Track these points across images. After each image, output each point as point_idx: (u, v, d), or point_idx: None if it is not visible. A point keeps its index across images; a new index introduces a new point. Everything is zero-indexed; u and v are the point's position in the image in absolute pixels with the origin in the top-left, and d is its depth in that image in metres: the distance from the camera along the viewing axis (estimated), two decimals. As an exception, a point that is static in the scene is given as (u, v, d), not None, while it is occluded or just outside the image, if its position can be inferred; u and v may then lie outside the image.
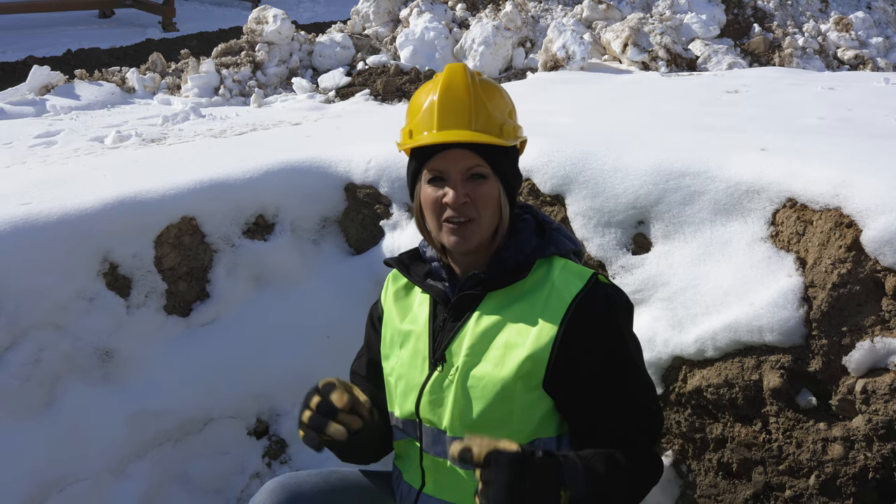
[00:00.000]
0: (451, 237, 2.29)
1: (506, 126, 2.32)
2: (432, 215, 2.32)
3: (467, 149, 2.26)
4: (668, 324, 3.21)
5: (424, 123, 2.30)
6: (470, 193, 2.26)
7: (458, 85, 2.29)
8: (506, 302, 2.31)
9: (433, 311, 2.44)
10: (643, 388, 2.31)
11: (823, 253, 2.87)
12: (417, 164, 2.33)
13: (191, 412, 3.68)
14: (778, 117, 4.39)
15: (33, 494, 3.22)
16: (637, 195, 3.38)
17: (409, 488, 2.49)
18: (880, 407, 2.72)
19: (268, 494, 2.49)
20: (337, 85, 7.79)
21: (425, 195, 2.32)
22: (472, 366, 2.28)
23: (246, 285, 3.99)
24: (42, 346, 3.38)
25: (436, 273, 2.46)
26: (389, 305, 2.56)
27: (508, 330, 2.27)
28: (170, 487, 3.59)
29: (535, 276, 2.32)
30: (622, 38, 7.49)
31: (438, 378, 2.33)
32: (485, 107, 2.28)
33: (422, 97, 2.35)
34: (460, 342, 2.31)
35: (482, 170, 2.28)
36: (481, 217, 2.29)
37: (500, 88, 2.42)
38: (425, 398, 2.35)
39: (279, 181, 4.13)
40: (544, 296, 2.27)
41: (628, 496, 2.22)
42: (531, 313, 2.26)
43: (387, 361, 2.52)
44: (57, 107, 7.26)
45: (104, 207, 3.65)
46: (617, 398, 2.24)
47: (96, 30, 17.43)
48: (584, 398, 2.23)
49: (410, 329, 2.46)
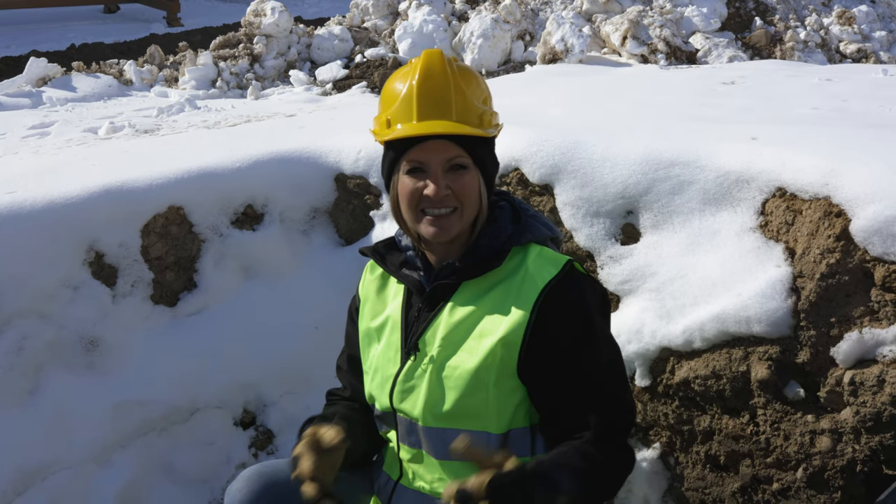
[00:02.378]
0: (430, 228, 2.26)
1: (485, 115, 2.29)
2: (410, 206, 2.28)
3: (447, 139, 2.22)
4: (656, 315, 3.18)
5: (403, 113, 2.25)
6: (451, 184, 2.23)
7: (436, 73, 2.24)
8: (480, 291, 2.28)
9: (407, 301, 2.41)
10: (614, 378, 2.28)
11: (812, 243, 2.84)
12: (395, 155, 2.29)
13: (177, 402, 3.67)
14: (772, 108, 4.35)
15: (16, 482, 3.22)
16: (626, 185, 3.35)
17: (387, 479, 2.48)
18: (868, 399, 2.69)
19: (245, 482, 2.47)
20: (334, 77, 7.77)
21: (403, 186, 2.28)
22: (446, 356, 2.26)
23: (234, 276, 3.98)
24: (26, 335, 3.38)
25: (411, 262, 2.43)
26: (366, 296, 2.54)
27: (483, 319, 2.24)
28: (155, 477, 3.59)
29: (510, 265, 2.29)
30: (621, 30, 7.44)
31: (411, 367, 2.31)
32: (464, 95, 2.25)
33: (398, 84, 2.30)
34: (434, 332, 2.29)
35: (463, 160, 2.24)
36: (463, 208, 2.26)
37: (476, 74, 2.37)
38: (398, 388, 2.33)
39: (269, 171, 4.12)
40: (518, 282, 2.24)
41: (604, 488, 2.21)
42: (505, 301, 2.23)
43: (365, 356, 2.51)
44: (53, 98, 7.25)
45: (90, 196, 3.65)
46: (586, 387, 2.21)
47: (100, 25, 17.45)
48: (555, 386, 2.20)
49: (385, 321, 2.44)
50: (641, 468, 3.34)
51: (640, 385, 3.25)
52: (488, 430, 2.23)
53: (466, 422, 2.23)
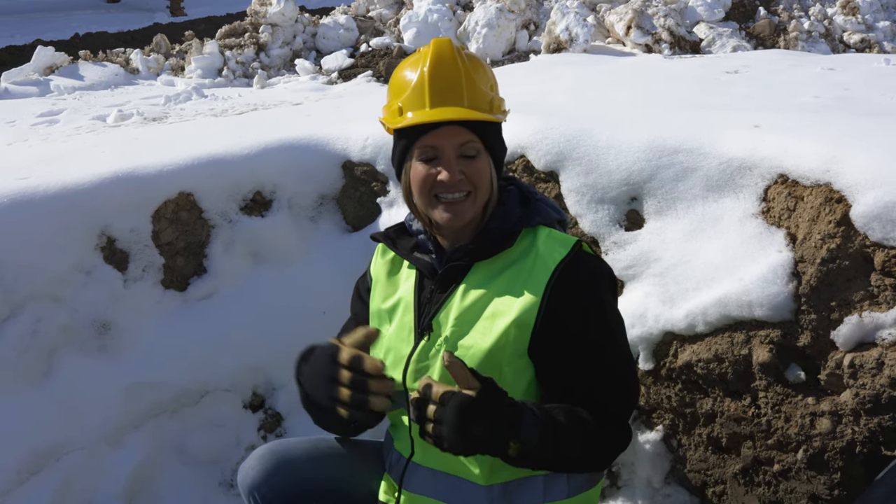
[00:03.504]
0: (444, 214, 2.30)
1: (494, 100, 2.34)
2: (424, 192, 2.32)
3: (460, 125, 2.27)
4: (659, 299, 3.23)
5: (415, 101, 2.29)
6: (464, 169, 2.28)
7: (447, 60, 2.29)
8: (492, 273, 2.33)
9: (419, 283, 2.46)
10: (622, 361, 2.33)
11: (813, 228, 2.88)
12: (408, 142, 2.32)
13: (187, 385, 3.73)
14: (774, 96, 4.39)
15: (30, 462, 3.27)
16: (630, 172, 3.39)
17: (398, 456, 2.52)
18: (867, 381, 2.73)
19: (257, 460, 2.53)
20: (340, 66, 7.81)
21: (416, 172, 2.31)
22: (459, 336, 2.30)
23: (243, 261, 4.03)
24: (40, 318, 3.43)
25: (423, 246, 2.48)
26: (377, 277, 2.58)
27: (495, 300, 2.28)
28: (166, 458, 3.64)
29: (521, 246, 2.34)
30: (625, 20, 7.47)
31: (425, 347, 2.35)
32: (474, 82, 2.29)
33: (408, 73, 2.33)
34: (447, 313, 2.33)
35: (475, 146, 2.29)
36: (476, 192, 2.30)
37: (483, 62, 2.42)
38: (411, 367, 2.37)
39: (277, 158, 4.17)
40: (529, 264, 2.29)
41: (587, 454, 2.24)
42: (517, 282, 2.28)
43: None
44: (61, 87, 7.30)
45: (102, 182, 3.69)
46: (595, 367, 2.26)
47: (104, 14, 17.49)
48: (564, 365, 2.25)
49: (397, 303, 2.48)
50: (644, 450, 3.39)
51: (643, 368, 3.30)
52: None
53: None
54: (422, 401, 2.06)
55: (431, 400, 2.04)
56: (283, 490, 2.50)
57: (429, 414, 2.03)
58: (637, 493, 3.45)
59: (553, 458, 2.13)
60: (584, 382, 2.24)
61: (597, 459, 2.28)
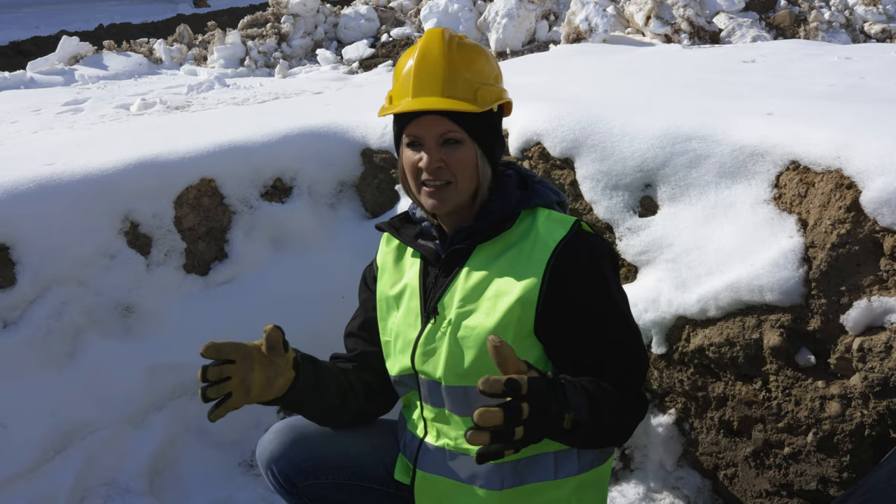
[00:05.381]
0: (428, 199, 2.36)
1: (481, 91, 2.35)
2: (412, 178, 2.39)
3: (441, 115, 2.31)
4: (672, 284, 3.27)
5: (402, 90, 2.35)
6: (445, 158, 2.32)
7: (433, 52, 2.33)
8: (493, 254, 2.38)
9: (424, 269, 2.52)
10: (628, 332, 2.37)
11: (824, 214, 2.91)
12: (398, 129, 2.40)
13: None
14: (789, 85, 4.41)
15: (56, 441, 3.35)
16: (644, 158, 3.43)
17: (411, 437, 2.58)
18: (876, 364, 2.76)
19: (275, 435, 2.61)
20: (361, 56, 7.87)
21: (405, 158, 2.39)
22: (464, 317, 2.35)
23: (263, 246, 4.10)
24: (65, 301, 3.51)
25: (427, 233, 2.54)
26: (384, 265, 2.65)
27: (497, 280, 2.33)
28: (187, 438, 3.71)
29: (521, 227, 2.38)
30: (645, 10, 7.49)
31: (431, 330, 2.41)
32: (460, 73, 2.32)
33: (403, 63, 2.40)
34: (452, 295, 2.39)
35: (456, 135, 2.33)
36: (458, 180, 2.34)
37: (482, 52, 2.44)
38: (419, 350, 2.43)
39: (297, 146, 4.24)
40: (530, 244, 2.33)
41: (618, 424, 2.28)
42: (518, 262, 2.32)
43: (384, 324, 2.61)
44: (85, 76, 7.40)
45: (126, 168, 3.78)
46: (603, 341, 2.30)
47: (128, 5, 17.62)
48: (571, 342, 2.30)
49: (403, 290, 2.54)
50: (657, 433, 3.43)
51: (656, 353, 3.34)
52: None
53: None
54: (512, 408, 1.86)
55: (520, 396, 1.88)
56: (300, 464, 2.56)
57: (524, 415, 1.87)
58: (650, 476, 3.50)
59: (596, 426, 2.12)
60: (593, 357, 2.28)
61: (625, 427, 2.32)
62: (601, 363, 2.27)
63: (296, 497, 2.61)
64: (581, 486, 2.42)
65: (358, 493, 2.65)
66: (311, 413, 2.59)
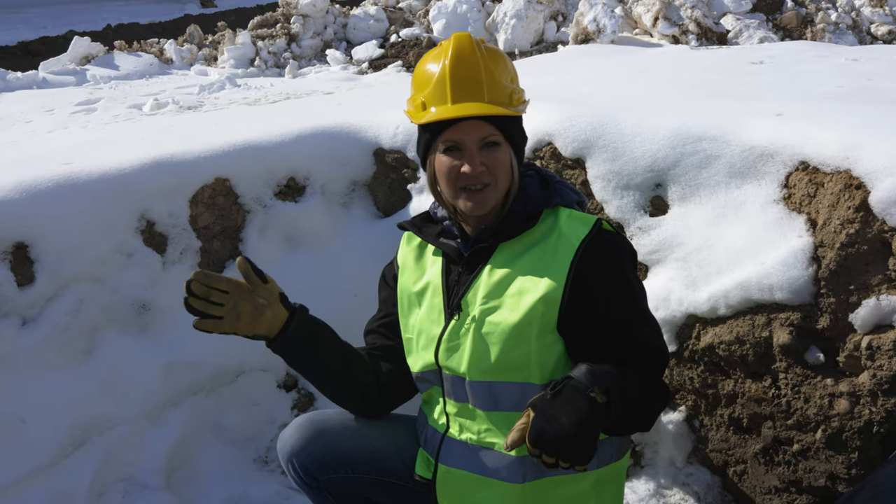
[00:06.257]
0: (468, 203, 2.40)
1: (514, 94, 2.42)
2: (449, 183, 2.42)
3: (480, 119, 2.36)
4: (682, 283, 3.31)
5: (437, 96, 2.38)
6: (485, 161, 2.37)
7: (466, 55, 2.37)
8: (516, 253, 2.42)
9: (446, 267, 2.56)
10: (648, 326, 2.42)
11: (833, 214, 2.94)
12: (431, 136, 2.42)
13: (223, 364, 3.85)
14: (797, 86, 4.44)
15: (74, 436, 3.40)
16: (655, 158, 3.47)
17: (433, 432, 2.62)
18: (885, 363, 2.79)
19: (296, 429, 2.67)
20: (370, 57, 7.91)
21: (441, 164, 2.42)
22: (487, 313, 2.39)
23: (277, 245, 4.15)
24: (82, 298, 3.56)
25: (448, 232, 2.58)
26: (404, 263, 2.69)
27: (521, 277, 2.37)
28: (203, 434, 3.76)
29: (543, 226, 2.43)
30: (653, 11, 7.52)
31: (455, 327, 2.45)
32: (494, 77, 2.38)
33: (430, 67, 2.43)
34: (475, 292, 2.43)
35: (496, 138, 2.38)
36: (497, 182, 2.40)
37: (503, 54, 2.50)
38: (443, 346, 2.47)
39: (310, 145, 4.29)
40: (553, 243, 2.38)
41: (644, 402, 2.32)
42: (541, 260, 2.37)
43: (406, 321, 2.65)
44: (97, 76, 7.45)
45: (142, 168, 3.83)
46: (625, 337, 2.35)
47: (135, 5, 17.65)
48: (593, 337, 2.33)
49: (426, 287, 2.58)
50: (667, 430, 3.48)
51: (666, 350, 3.38)
52: (531, 381, 2.35)
53: (510, 374, 2.36)
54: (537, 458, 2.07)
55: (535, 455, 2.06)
56: (321, 458, 2.61)
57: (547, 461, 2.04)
58: (660, 473, 3.54)
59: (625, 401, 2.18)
60: (616, 352, 2.31)
61: (651, 409, 2.37)
62: (624, 358, 2.31)
63: (316, 490, 2.67)
64: (600, 481, 2.46)
65: (377, 487, 2.70)
66: (310, 369, 2.67)
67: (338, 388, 2.69)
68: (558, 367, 2.39)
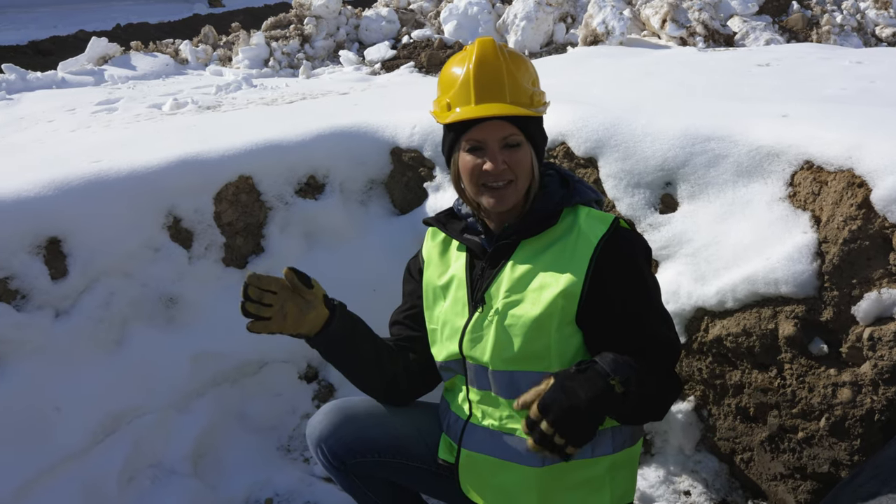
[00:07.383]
0: (490, 199, 2.50)
1: (535, 95, 2.53)
2: (472, 181, 2.52)
3: (503, 119, 2.46)
4: (691, 277, 3.41)
5: (462, 97, 2.49)
6: (507, 160, 2.47)
7: (490, 59, 2.48)
8: (538, 249, 2.52)
9: (470, 262, 2.66)
10: (662, 320, 2.52)
11: (836, 211, 3.04)
12: (455, 135, 2.53)
13: (247, 356, 3.97)
14: (802, 88, 4.54)
15: (105, 424, 3.51)
16: (665, 158, 3.57)
17: (456, 418, 2.72)
18: (885, 353, 2.89)
19: (325, 415, 2.80)
20: (382, 58, 8.01)
21: (464, 163, 2.52)
22: (510, 306, 2.49)
23: (298, 241, 4.27)
24: (112, 292, 3.67)
25: (472, 228, 2.69)
26: (429, 258, 2.80)
27: (542, 273, 2.48)
28: (228, 423, 3.88)
29: (563, 224, 2.53)
30: (661, 13, 7.62)
31: (479, 318, 2.55)
32: (516, 79, 2.48)
33: (455, 70, 2.54)
34: (498, 286, 2.53)
35: (517, 138, 2.48)
36: (518, 180, 2.50)
37: (525, 58, 2.60)
38: (467, 337, 2.57)
39: (329, 145, 4.40)
40: (573, 240, 2.48)
41: (659, 394, 2.43)
42: (562, 256, 2.47)
43: (431, 313, 2.75)
44: (115, 76, 7.56)
45: (168, 166, 3.94)
46: (640, 331, 2.44)
47: (143, 5, 17.70)
48: (610, 330, 2.43)
49: (450, 281, 2.69)
50: (677, 419, 3.58)
51: (676, 343, 3.48)
52: (551, 371, 2.42)
53: (531, 364, 2.46)
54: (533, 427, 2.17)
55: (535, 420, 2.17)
56: (349, 443, 2.74)
57: (545, 430, 2.14)
58: (670, 460, 3.65)
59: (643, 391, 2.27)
60: (631, 345, 2.40)
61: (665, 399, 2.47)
62: (640, 349, 2.40)
63: (343, 474, 2.79)
64: (614, 466, 2.55)
65: (402, 470, 2.82)
66: (346, 362, 2.78)
67: (369, 377, 2.81)
68: (577, 357, 2.48)
